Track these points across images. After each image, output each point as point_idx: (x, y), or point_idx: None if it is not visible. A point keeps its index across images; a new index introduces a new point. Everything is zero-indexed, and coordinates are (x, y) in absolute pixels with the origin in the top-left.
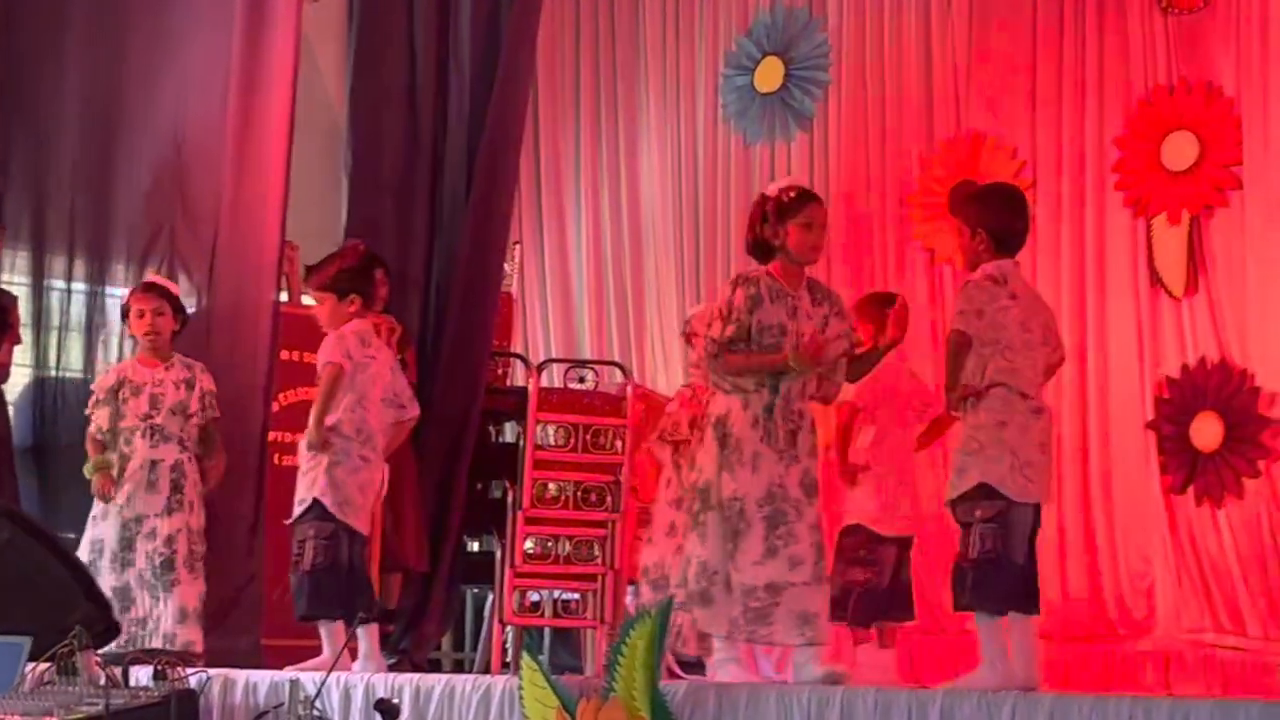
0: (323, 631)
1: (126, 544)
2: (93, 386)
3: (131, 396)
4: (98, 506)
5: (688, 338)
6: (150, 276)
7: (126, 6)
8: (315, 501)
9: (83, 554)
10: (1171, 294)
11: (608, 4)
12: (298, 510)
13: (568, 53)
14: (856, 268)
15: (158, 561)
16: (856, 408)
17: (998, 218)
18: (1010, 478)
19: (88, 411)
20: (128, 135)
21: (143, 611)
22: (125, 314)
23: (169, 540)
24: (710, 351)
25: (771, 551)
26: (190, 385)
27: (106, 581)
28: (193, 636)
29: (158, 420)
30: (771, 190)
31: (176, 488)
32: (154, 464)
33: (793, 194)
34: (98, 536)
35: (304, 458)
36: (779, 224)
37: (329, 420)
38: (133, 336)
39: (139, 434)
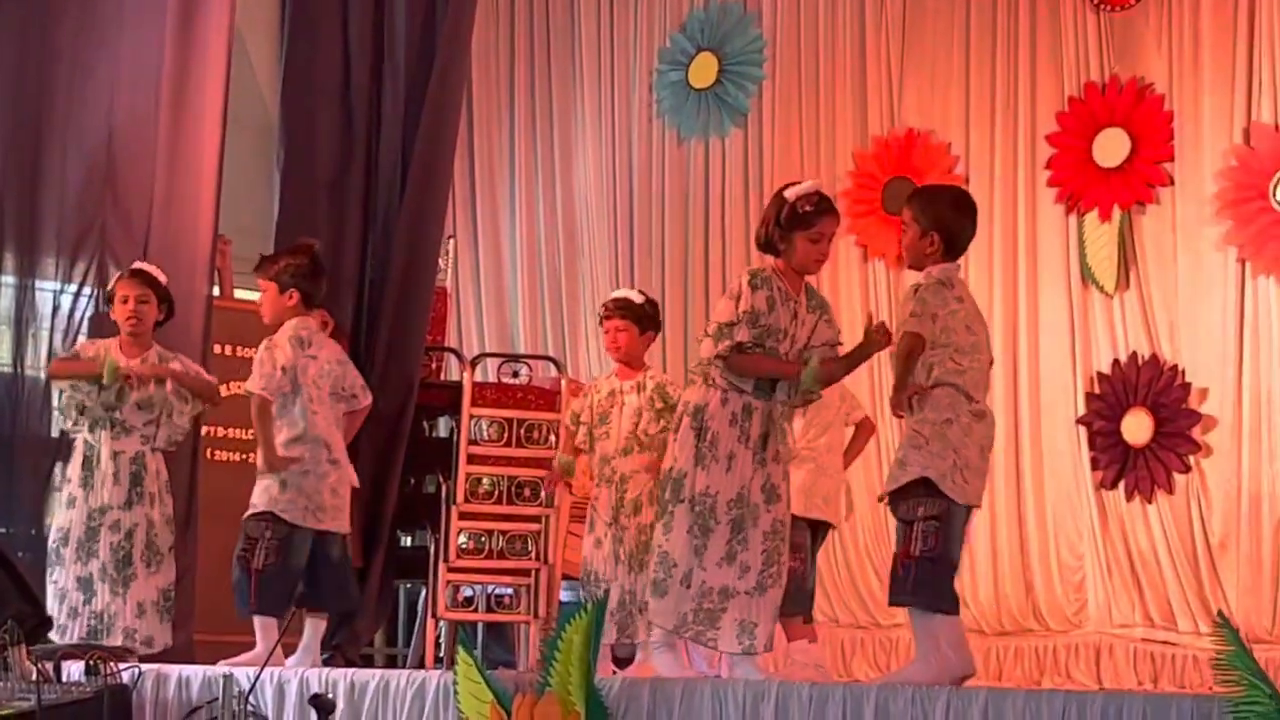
0: (257, 626)
1: (91, 534)
2: (76, 348)
3: (104, 385)
4: (64, 495)
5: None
6: (139, 264)
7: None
8: (269, 512)
9: (51, 539)
10: (1103, 290)
11: (543, 1)
12: (251, 510)
13: (503, 48)
14: None
15: (120, 555)
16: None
17: (952, 221)
18: (951, 476)
19: (63, 355)
20: (58, 129)
21: (101, 605)
22: (110, 299)
23: (129, 534)
24: (721, 350)
25: (730, 556)
26: (162, 381)
27: (71, 571)
28: (153, 631)
29: (120, 414)
30: (790, 194)
31: (136, 480)
32: (116, 455)
33: (809, 207)
34: (62, 525)
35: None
36: (789, 231)
37: (280, 439)
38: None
39: (101, 424)
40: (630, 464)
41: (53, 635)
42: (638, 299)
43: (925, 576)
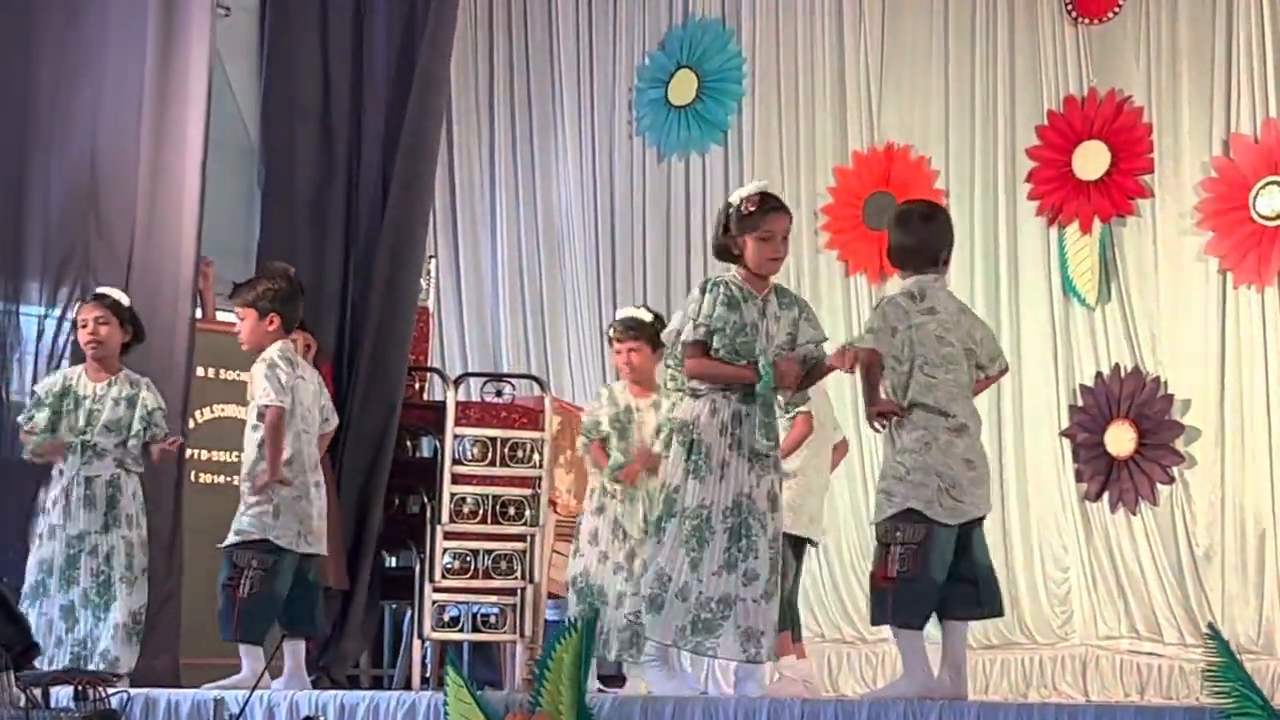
0: (243, 650)
1: (71, 561)
2: (35, 387)
3: (73, 409)
4: (43, 525)
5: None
6: (102, 288)
7: (36, 24)
8: (264, 540)
9: (30, 574)
10: (1084, 303)
11: (521, 20)
12: (238, 537)
13: (482, 67)
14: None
15: (101, 579)
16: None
17: (916, 232)
18: (937, 500)
19: (25, 412)
20: (41, 154)
21: (84, 630)
22: (74, 326)
23: (108, 557)
24: (678, 354)
25: (730, 564)
26: (132, 403)
27: (55, 601)
28: (119, 652)
29: (90, 438)
30: (735, 197)
31: (112, 503)
32: (89, 480)
33: (752, 207)
34: (45, 556)
35: (249, 488)
36: (740, 234)
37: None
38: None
39: (70, 450)
40: (655, 481)
41: (38, 663)
42: (647, 317)
43: (902, 597)
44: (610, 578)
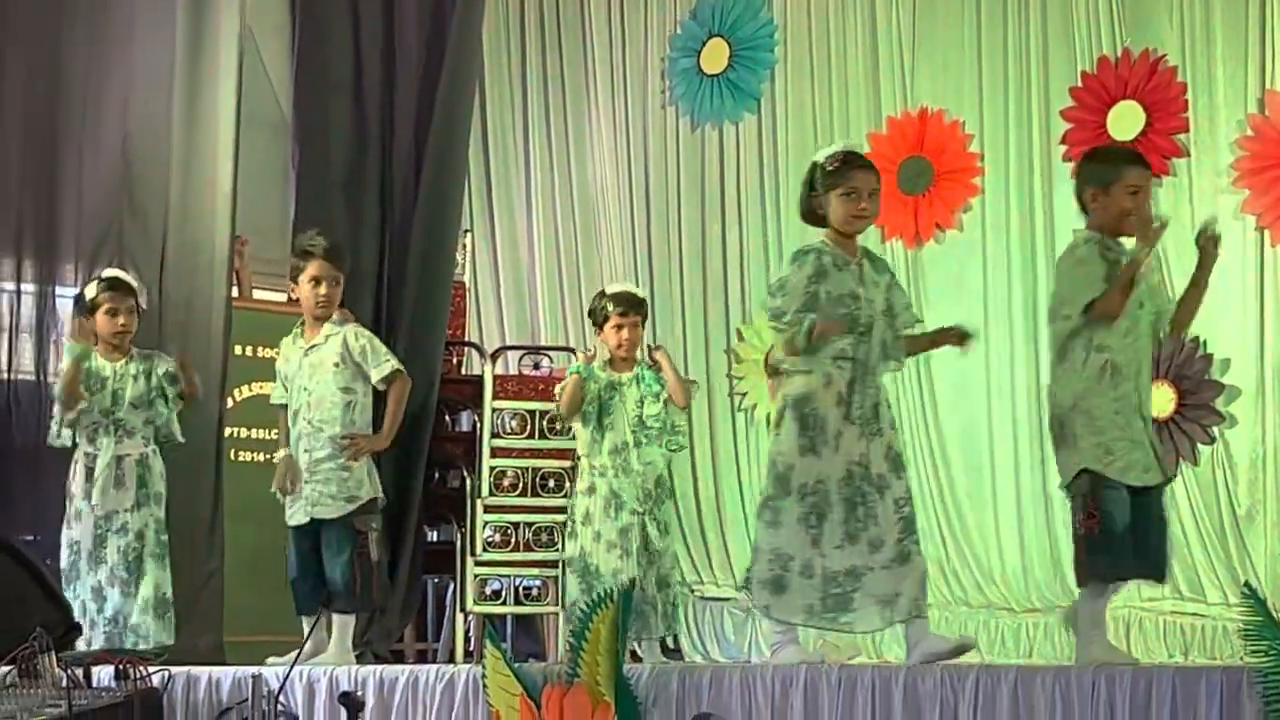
0: (336, 622)
1: (99, 541)
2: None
3: (100, 389)
4: (71, 508)
5: None
6: (110, 271)
7: (66, 7)
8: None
9: (62, 557)
10: None
11: None
12: (352, 505)
13: (514, 39)
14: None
15: (130, 557)
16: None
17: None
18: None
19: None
20: (74, 136)
21: (114, 609)
22: (87, 308)
23: (139, 535)
24: (787, 330)
25: (852, 536)
26: (149, 375)
27: (86, 581)
28: (161, 630)
29: (120, 414)
30: (819, 156)
31: (142, 482)
32: (120, 460)
33: (835, 163)
34: (74, 538)
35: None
36: (823, 191)
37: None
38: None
39: (102, 430)
40: (644, 455)
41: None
42: (641, 292)
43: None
44: (605, 556)
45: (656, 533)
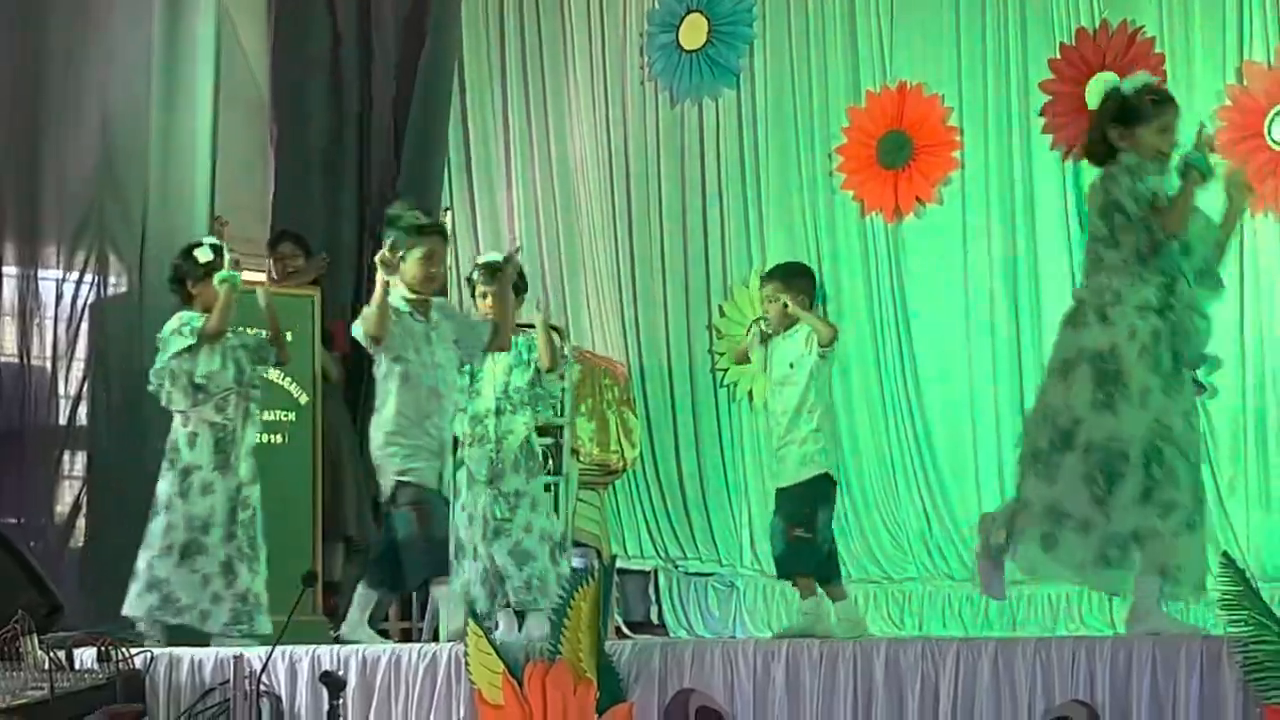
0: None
1: (230, 515)
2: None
3: (227, 361)
4: (198, 480)
5: None
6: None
7: None
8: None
9: (179, 532)
10: None
11: None
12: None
13: (493, 15)
14: (788, 220)
15: (253, 532)
16: None
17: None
18: None
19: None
20: (54, 119)
21: (244, 585)
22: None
23: (257, 510)
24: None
25: (1145, 495)
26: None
27: (213, 556)
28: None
29: (245, 380)
30: (1126, 88)
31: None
32: (247, 430)
33: (1153, 97)
34: (202, 512)
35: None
36: (1132, 126)
37: None
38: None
39: (243, 397)
40: (504, 424)
41: (206, 626)
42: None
43: None
44: (467, 528)
45: (496, 507)
